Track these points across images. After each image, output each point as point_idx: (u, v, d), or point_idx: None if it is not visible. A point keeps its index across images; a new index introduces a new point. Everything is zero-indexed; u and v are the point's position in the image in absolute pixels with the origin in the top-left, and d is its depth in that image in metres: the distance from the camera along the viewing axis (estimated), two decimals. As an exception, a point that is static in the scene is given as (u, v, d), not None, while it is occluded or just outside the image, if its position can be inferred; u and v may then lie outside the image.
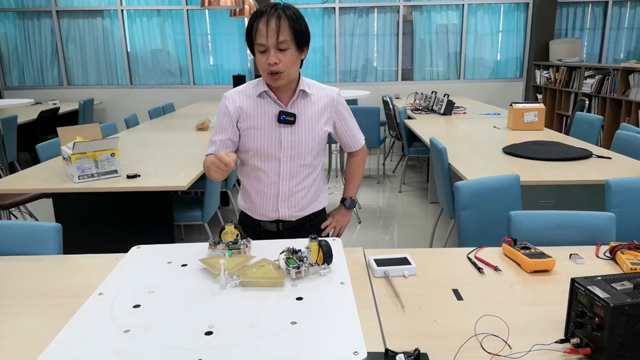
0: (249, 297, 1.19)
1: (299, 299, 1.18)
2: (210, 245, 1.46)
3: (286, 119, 1.66)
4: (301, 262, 1.28)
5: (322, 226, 1.88)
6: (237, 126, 1.70)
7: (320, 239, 1.32)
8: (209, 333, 1.04)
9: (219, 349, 0.98)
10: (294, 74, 1.64)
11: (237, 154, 1.77)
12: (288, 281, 1.28)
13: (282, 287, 1.23)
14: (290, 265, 1.27)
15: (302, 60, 1.66)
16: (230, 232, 1.47)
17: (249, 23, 1.59)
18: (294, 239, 1.61)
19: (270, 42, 1.54)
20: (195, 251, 1.49)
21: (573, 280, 1.07)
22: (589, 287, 1.03)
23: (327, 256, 1.29)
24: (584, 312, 1.03)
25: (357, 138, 1.90)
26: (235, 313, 1.12)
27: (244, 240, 1.47)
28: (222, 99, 1.72)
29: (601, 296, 0.99)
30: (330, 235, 1.90)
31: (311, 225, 1.84)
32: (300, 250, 1.33)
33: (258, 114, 1.68)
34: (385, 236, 4.00)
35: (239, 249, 1.44)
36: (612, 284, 1.04)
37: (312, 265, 1.29)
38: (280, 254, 1.36)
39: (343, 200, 1.94)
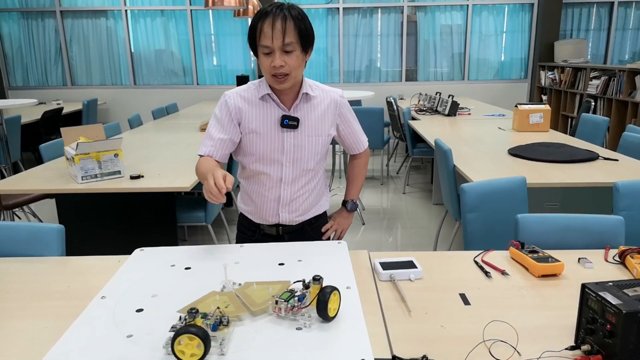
0: (253, 301, 1.17)
1: (304, 303, 1.16)
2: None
3: (289, 123, 1.62)
4: (292, 302, 1.08)
5: (323, 229, 1.85)
6: (239, 128, 1.65)
7: (325, 286, 1.09)
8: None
9: (222, 356, 0.96)
10: (299, 77, 1.60)
11: (237, 157, 1.73)
12: (296, 285, 1.26)
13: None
14: (281, 298, 1.09)
15: (305, 62, 1.61)
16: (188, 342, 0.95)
17: (252, 23, 1.54)
18: (294, 242, 1.59)
19: (275, 44, 1.49)
20: (198, 254, 1.48)
21: (584, 286, 1.05)
22: (600, 293, 1.01)
23: (320, 307, 1.06)
24: (595, 318, 1.01)
25: (360, 140, 1.86)
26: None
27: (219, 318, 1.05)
28: (222, 97, 1.65)
29: (613, 302, 0.97)
30: (331, 238, 1.88)
31: (312, 228, 1.81)
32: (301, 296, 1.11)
33: (260, 118, 1.63)
34: (389, 237, 3.98)
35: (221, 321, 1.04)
36: (624, 290, 1.02)
37: (300, 309, 1.09)
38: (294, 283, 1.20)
39: (345, 203, 1.90)
